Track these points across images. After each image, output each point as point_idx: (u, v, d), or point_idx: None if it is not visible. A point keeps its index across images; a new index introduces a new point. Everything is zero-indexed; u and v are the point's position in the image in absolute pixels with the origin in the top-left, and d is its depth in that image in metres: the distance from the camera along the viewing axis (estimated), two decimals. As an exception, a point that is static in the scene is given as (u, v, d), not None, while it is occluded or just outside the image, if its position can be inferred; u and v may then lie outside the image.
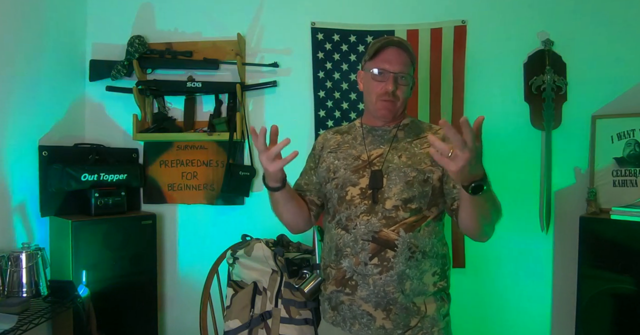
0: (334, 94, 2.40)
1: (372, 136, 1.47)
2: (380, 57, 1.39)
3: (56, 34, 2.29)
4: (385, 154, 1.40)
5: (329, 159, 1.47)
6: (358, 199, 1.36)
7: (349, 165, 1.41)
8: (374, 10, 2.39)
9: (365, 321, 1.34)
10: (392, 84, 1.37)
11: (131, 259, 2.20)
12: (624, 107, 2.18)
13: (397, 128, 1.46)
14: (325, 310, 1.45)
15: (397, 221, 1.32)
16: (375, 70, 1.38)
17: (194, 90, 2.40)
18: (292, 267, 1.78)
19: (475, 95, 2.33)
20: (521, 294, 2.33)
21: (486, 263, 2.35)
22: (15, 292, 1.80)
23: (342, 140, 1.51)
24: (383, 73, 1.38)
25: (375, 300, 1.32)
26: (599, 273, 1.94)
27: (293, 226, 1.53)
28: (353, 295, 1.34)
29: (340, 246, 1.37)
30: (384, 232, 1.32)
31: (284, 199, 1.42)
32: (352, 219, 1.35)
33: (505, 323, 2.34)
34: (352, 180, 1.39)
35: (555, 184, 2.28)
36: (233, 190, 2.39)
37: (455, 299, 1.51)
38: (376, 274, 1.31)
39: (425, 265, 1.34)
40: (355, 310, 1.34)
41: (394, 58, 1.38)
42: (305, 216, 1.51)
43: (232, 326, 1.78)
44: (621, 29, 2.22)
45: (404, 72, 1.38)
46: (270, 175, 1.33)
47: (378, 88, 1.39)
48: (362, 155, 1.42)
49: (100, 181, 2.20)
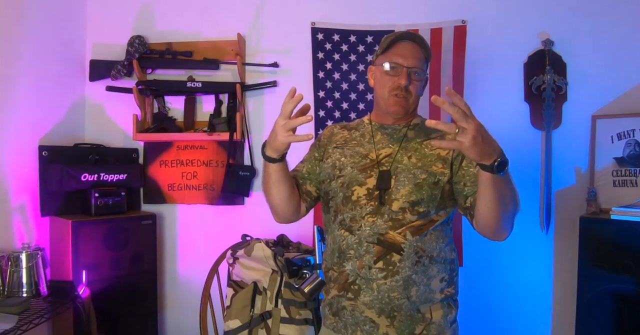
0: (334, 94, 2.40)
1: (381, 134, 1.39)
2: (394, 50, 1.32)
3: (56, 34, 2.29)
4: (395, 154, 1.34)
5: (335, 155, 1.40)
6: (364, 199, 1.30)
7: (356, 164, 1.35)
8: (374, 10, 2.39)
9: (368, 328, 1.28)
10: (406, 79, 1.30)
11: (131, 259, 2.20)
12: (624, 107, 2.18)
13: (407, 127, 1.39)
14: (326, 316, 1.39)
15: (403, 224, 1.26)
16: (388, 64, 1.31)
17: (194, 90, 2.40)
18: (292, 267, 1.77)
19: (475, 95, 2.33)
20: (521, 294, 2.33)
21: (486, 263, 2.35)
22: (15, 292, 1.80)
23: (349, 136, 1.43)
24: (396, 67, 1.30)
25: (379, 307, 1.26)
26: (599, 273, 1.93)
27: (280, 211, 1.40)
28: (356, 300, 1.28)
29: (344, 248, 1.30)
30: (390, 235, 1.26)
31: (278, 176, 1.31)
32: (357, 220, 1.29)
33: (505, 323, 2.34)
34: (359, 180, 1.32)
35: (555, 184, 2.28)
36: (233, 190, 2.39)
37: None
38: (381, 279, 1.25)
39: (433, 271, 1.28)
40: (358, 316, 1.29)
41: (408, 52, 1.31)
42: (295, 203, 1.39)
43: (232, 326, 1.78)
44: (621, 29, 2.21)
45: (417, 68, 1.31)
46: (276, 145, 1.22)
47: (390, 83, 1.32)
48: (370, 154, 1.36)
49: (100, 181, 2.19)
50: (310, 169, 1.45)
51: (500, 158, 1.06)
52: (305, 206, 1.43)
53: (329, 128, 1.51)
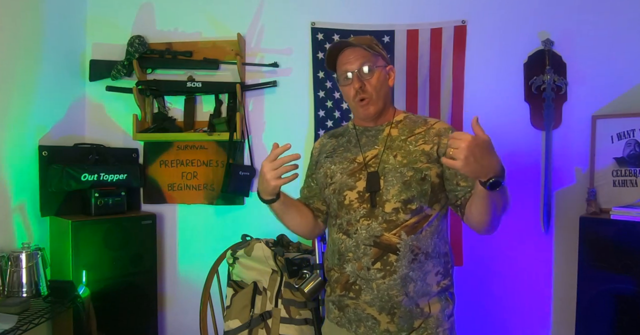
0: (334, 94, 2.40)
1: (365, 137, 1.45)
2: (339, 62, 1.41)
3: (56, 34, 2.29)
4: (380, 154, 1.38)
5: (326, 164, 1.45)
6: (357, 202, 1.35)
7: (345, 169, 1.40)
8: (374, 10, 2.39)
9: (370, 324, 1.34)
10: (357, 82, 1.36)
11: (131, 259, 2.20)
12: (624, 107, 2.18)
13: (390, 126, 1.43)
14: (330, 310, 1.45)
15: (398, 224, 1.31)
16: (339, 77, 1.40)
17: (194, 90, 2.40)
18: (292, 267, 1.77)
19: (475, 95, 2.33)
20: (521, 293, 2.33)
21: (486, 263, 2.35)
22: (15, 292, 1.80)
23: (337, 144, 1.50)
24: (345, 76, 1.38)
25: (379, 305, 1.31)
26: (599, 273, 1.93)
27: (301, 233, 1.53)
28: (357, 299, 1.34)
29: (343, 251, 1.36)
30: (385, 237, 1.31)
31: (283, 209, 1.41)
32: (353, 224, 1.34)
33: (506, 323, 2.34)
34: (349, 184, 1.37)
35: (555, 184, 2.28)
36: (233, 190, 2.38)
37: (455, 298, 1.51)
38: (379, 279, 1.30)
39: (429, 266, 1.33)
40: (360, 313, 1.34)
41: (349, 58, 1.38)
42: (309, 224, 1.50)
43: (232, 326, 1.78)
44: (621, 29, 2.21)
45: (364, 65, 1.36)
46: (268, 190, 1.32)
47: (350, 91, 1.39)
48: (357, 158, 1.41)
49: (100, 181, 2.20)
50: (309, 188, 1.55)
51: (494, 178, 1.11)
52: (321, 220, 1.52)
53: (318, 140, 1.60)
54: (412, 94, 2.36)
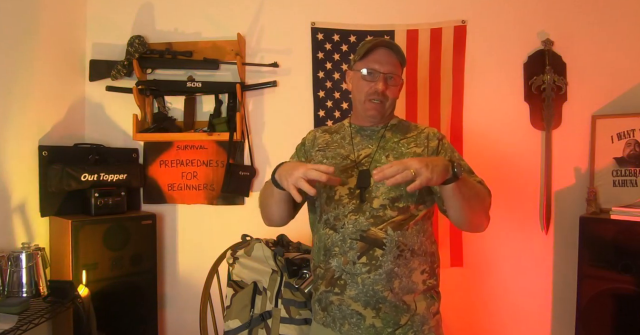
0: (334, 94, 2.40)
1: (360, 136, 1.48)
2: (371, 57, 1.41)
3: (56, 33, 2.29)
4: (373, 153, 1.42)
5: (317, 157, 1.47)
6: (346, 198, 1.37)
7: (338, 165, 1.41)
8: (374, 10, 2.39)
9: (355, 321, 1.34)
10: (382, 84, 1.39)
11: (131, 259, 2.20)
12: (624, 107, 2.19)
13: (385, 128, 1.47)
14: (316, 312, 1.46)
15: (384, 220, 1.33)
16: (365, 70, 1.40)
17: (194, 90, 2.40)
18: (292, 267, 1.77)
19: (475, 95, 2.33)
20: (521, 293, 2.33)
21: (486, 263, 2.35)
22: (15, 292, 1.80)
23: (330, 139, 1.51)
24: (373, 73, 1.40)
25: (364, 299, 1.32)
26: (599, 273, 1.94)
27: (273, 221, 1.51)
28: (342, 294, 1.34)
29: (329, 246, 1.37)
30: (372, 231, 1.32)
31: (280, 197, 1.40)
32: (340, 219, 1.36)
33: (505, 323, 2.34)
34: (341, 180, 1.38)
35: (555, 184, 2.28)
36: (233, 190, 2.39)
37: (455, 298, 1.51)
38: (365, 273, 1.31)
39: (414, 264, 1.35)
40: (345, 310, 1.35)
41: (384, 59, 1.40)
42: (290, 212, 1.48)
43: (232, 326, 1.78)
44: (621, 29, 2.22)
45: (393, 73, 1.40)
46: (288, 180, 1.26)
47: (367, 88, 1.41)
48: (350, 155, 1.43)
49: (100, 181, 2.20)
50: None
51: (452, 165, 1.20)
52: (297, 209, 1.52)
53: (311, 132, 1.59)
54: (412, 93, 2.36)
